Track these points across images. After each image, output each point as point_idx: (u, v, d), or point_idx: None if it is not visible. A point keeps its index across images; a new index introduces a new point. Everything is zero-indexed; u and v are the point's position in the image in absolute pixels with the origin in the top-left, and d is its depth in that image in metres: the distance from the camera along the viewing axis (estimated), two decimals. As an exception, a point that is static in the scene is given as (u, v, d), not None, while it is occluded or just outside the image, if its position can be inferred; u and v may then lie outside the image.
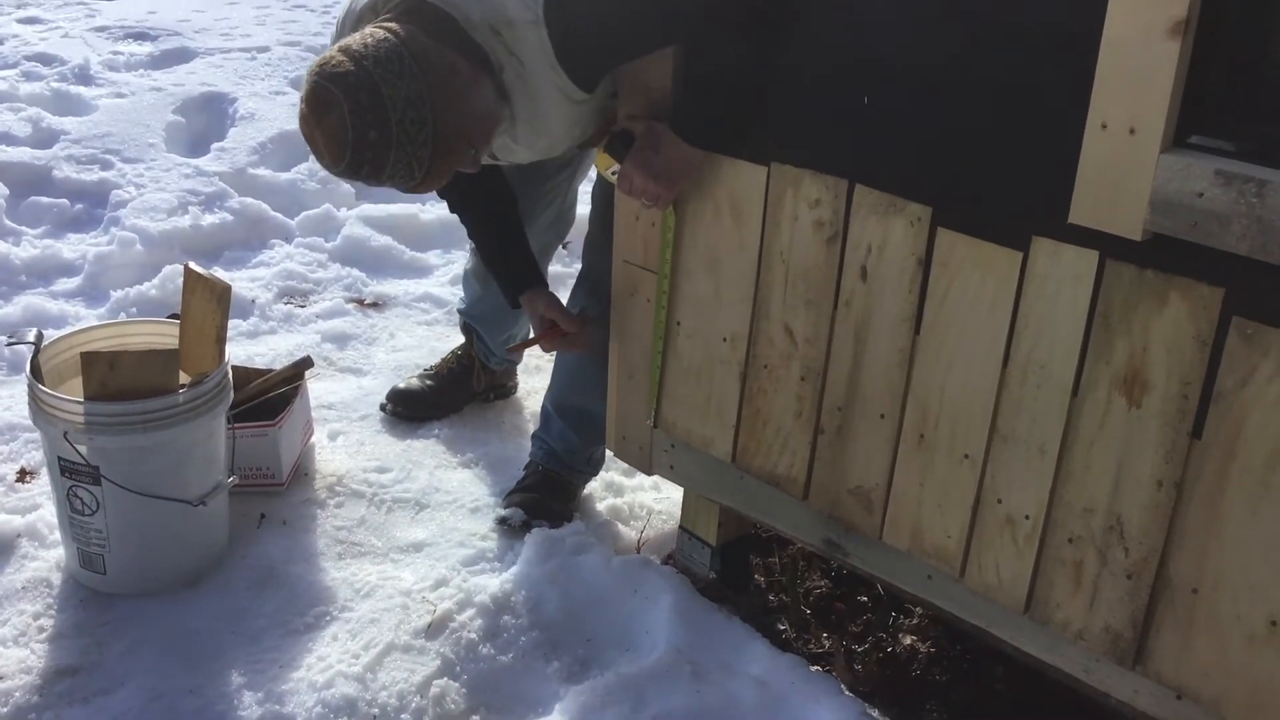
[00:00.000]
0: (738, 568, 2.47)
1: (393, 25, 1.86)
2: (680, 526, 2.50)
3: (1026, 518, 1.77)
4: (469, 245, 2.98)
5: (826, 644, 2.30)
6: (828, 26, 1.83)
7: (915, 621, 2.35)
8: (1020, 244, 1.67)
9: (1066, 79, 1.54)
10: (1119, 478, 1.65)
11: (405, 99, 1.80)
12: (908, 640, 2.32)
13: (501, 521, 2.58)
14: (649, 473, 2.43)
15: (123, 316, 3.33)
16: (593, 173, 2.47)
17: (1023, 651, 1.88)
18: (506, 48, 1.91)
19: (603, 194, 2.36)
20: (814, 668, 2.17)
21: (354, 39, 1.84)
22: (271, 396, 2.70)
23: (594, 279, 2.47)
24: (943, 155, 1.73)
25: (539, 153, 2.18)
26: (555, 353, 2.63)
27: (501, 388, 3.13)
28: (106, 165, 4.26)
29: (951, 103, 1.70)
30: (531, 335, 2.49)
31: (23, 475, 2.69)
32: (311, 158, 4.27)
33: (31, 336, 2.35)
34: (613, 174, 2.06)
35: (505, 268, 2.47)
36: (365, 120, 1.78)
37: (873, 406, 1.94)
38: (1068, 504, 1.72)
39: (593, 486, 2.75)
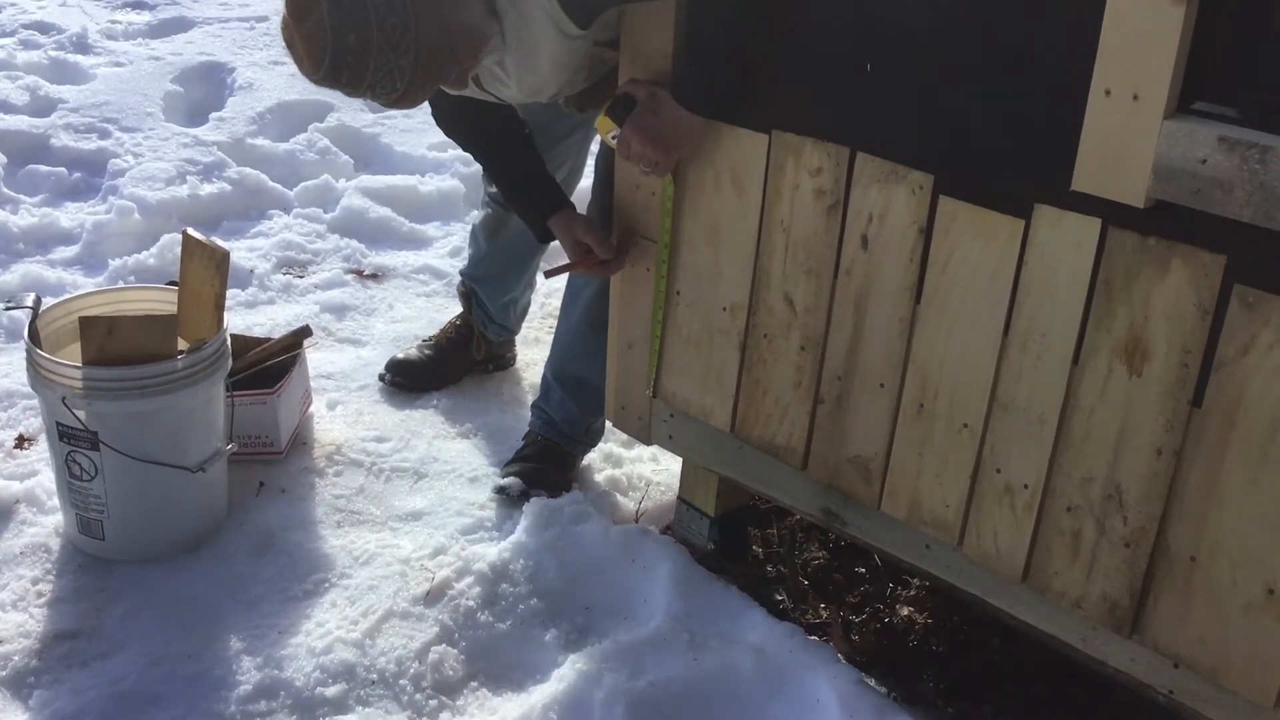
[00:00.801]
0: (736, 538, 2.47)
1: None
2: (679, 497, 2.50)
3: (1025, 487, 1.77)
4: (482, 197, 2.95)
5: (824, 614, 2.31)
6: (831, -8, 1.82)
7: (913, 592, 2.36)
8: (1022, 212, 1.66)
9: (1070, 45, 1.53)
10: (1119, 446, 1.65)
11: (387, 3, 1.76)
12: (905, 611, 2.32)
13: (500, 491, 2.59)
14: (648, 443, 2.43)
15: (120, 284, 3.32)
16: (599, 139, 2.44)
17: (1020, 620, 1.88)
18: None
19: (605, 163, 2.34)
20: (811, 637, 2.18)
21: None
22: (270, 365, 2.69)
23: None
24: (944, 123, 1.73)
25: (528, 92, 2.14)
26: (561, 318, 2.62)
27: (500, 358, 3.12)
28: (104, 134, 4.23)
29: (954, 70, 1.69)
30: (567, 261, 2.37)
31: (21, 441, 2.69)
32: (311, 128, 4.34)
33: (30, 302, 2.35)
34: (613, 138, 2.05)
35: (529, 194, 2.38)
36: (345, 23, 1.75)
37: (872, 376, 1.94)
38: (1067, 473, 1.72)
39: (591, 458, 2.75)
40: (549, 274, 2.34)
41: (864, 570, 2.42)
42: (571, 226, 2.28)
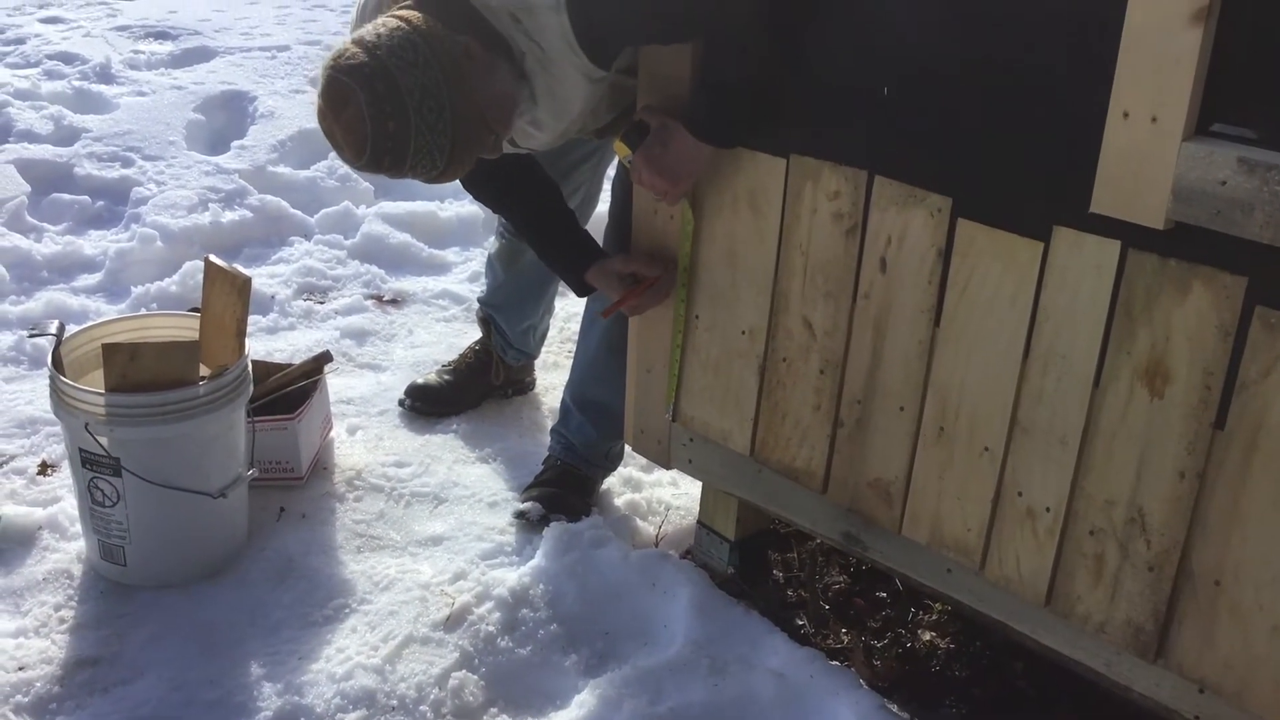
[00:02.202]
0: (756, 563, 2.46)
1: (405, 13, 1.86)
2: (698, 521, 2.50)
3: (1047, 510, 1.76)
4: (496, 227, 2.97)
5: (845, 639, 2.30)
6: (847, 18, 1.82)
7: (934, 617, 2.34)
8: (1041, 234, 1.66)
9: (1087, 67, 1.53)
10: (1141, 469, 1.64)
11: (421, 87, 1.79)
12: (927, 636, 2.31)
13: (520, 515, 2.59)
14: (667, 467, 2.43)
15: (143, 311, 3.34)
16: (615, 163, 2.45)
17: (1043, 645, 1.87)
18: (526, 34, 1.91)
19: (623, 186, 2.35)
20: (833, 662, 2.16)
21: (366, 30, 1.84)
22: (291, 391, 2.71)
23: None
24: (963, 145, 1.73)
25: (559, 136, 2.17)
26: (580, 343, 2.63)
27: (519, 383, 3.13)
28: (127, 163, 4.27)
29: (971, 92, 1.69)
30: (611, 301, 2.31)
31: (44, 468, 2.71)
32: (331, 155, 4.36)
33: (53, 329, 2.36)
34: (629, 162, 2.06)
35: (564, 251, 2.36)
36: (383, 111, 1.78)
37: (892, 399, 1.93)
38: (1089, 496, 1.71)
39: (610, 482, 2.75)
40: (606, 313, 2.31)
41: (885, 595, 2.41)
42: (608, 267, 2.27)
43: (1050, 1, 1.57)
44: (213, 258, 2.48)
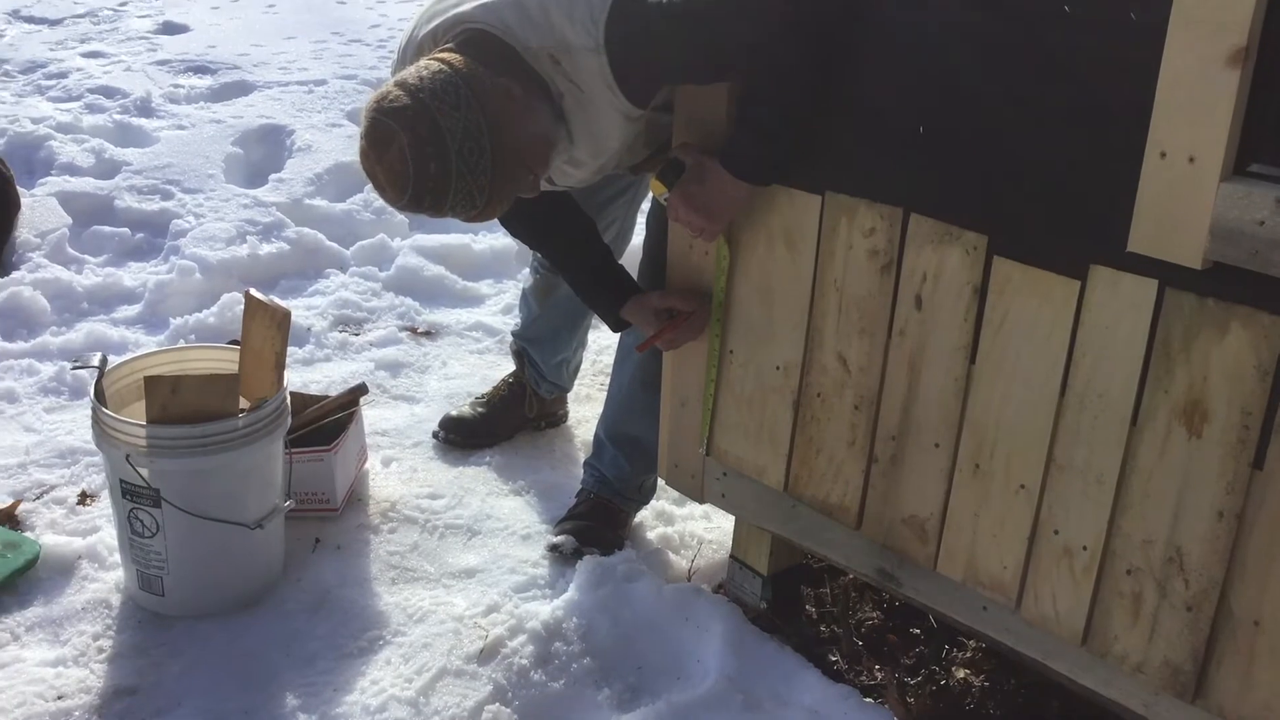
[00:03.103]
0: (789, 597, 2.46)
1: (447, 56, 1.89)
2: (731, 556, 2.50)
3: (1084, 549, 1.76)
4: (531, 262, 3.00)
5: (879, 676, 2.29)
6: (884, 56, 1.84)
7: (969, 654, 2.33)
8: (1078, 273, 1.66)
9: (1124, 107, 1.54)
10: (1179, 509, 1.63)
11: (463, 129, 1.82)
12: (961, 673, 2.29)
13: (553, 549, 2.59)
14: (700, 501, 2.43)
15: (182, 343, 3.39)
16: (649, 198, 2.47)
17: (1080, 685, 1.86)
18: (566, 75, 1.94)
19: (658, 221, 2.37)
20: (866, 699, 2.16)
21: (409, 73, 1.87)
22: (327, 422, 2.73)
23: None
24: (999, 184, 1.74)
25: (595, 174, 2.20)
26: (614, 377, 2.64)
27: (552, 415, 3.15)
28: (167, 195, 4.33)
29: (1008, 131, 1.70)
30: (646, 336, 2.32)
31: (84, 498, 2.74)
32: (367, 188, 4.41)
33: (95, 361, 2.40)
34: (665, 199, 2.08)
35: (599, 287, 2.38)
36: (425, 153, 1.81)
37: (927, 436, 1.93)
38: (1126, 535, 1.70)
39: (643, 515, 2.76)
40: (641, 348, 2.33)
41: (919, 631, 2.40)
42: (643, 302, 2.29)
43: (1088, 42, 1.58)
44: (253, 291, 2.52)
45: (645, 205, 2.67)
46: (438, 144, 1.81)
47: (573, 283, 2.45)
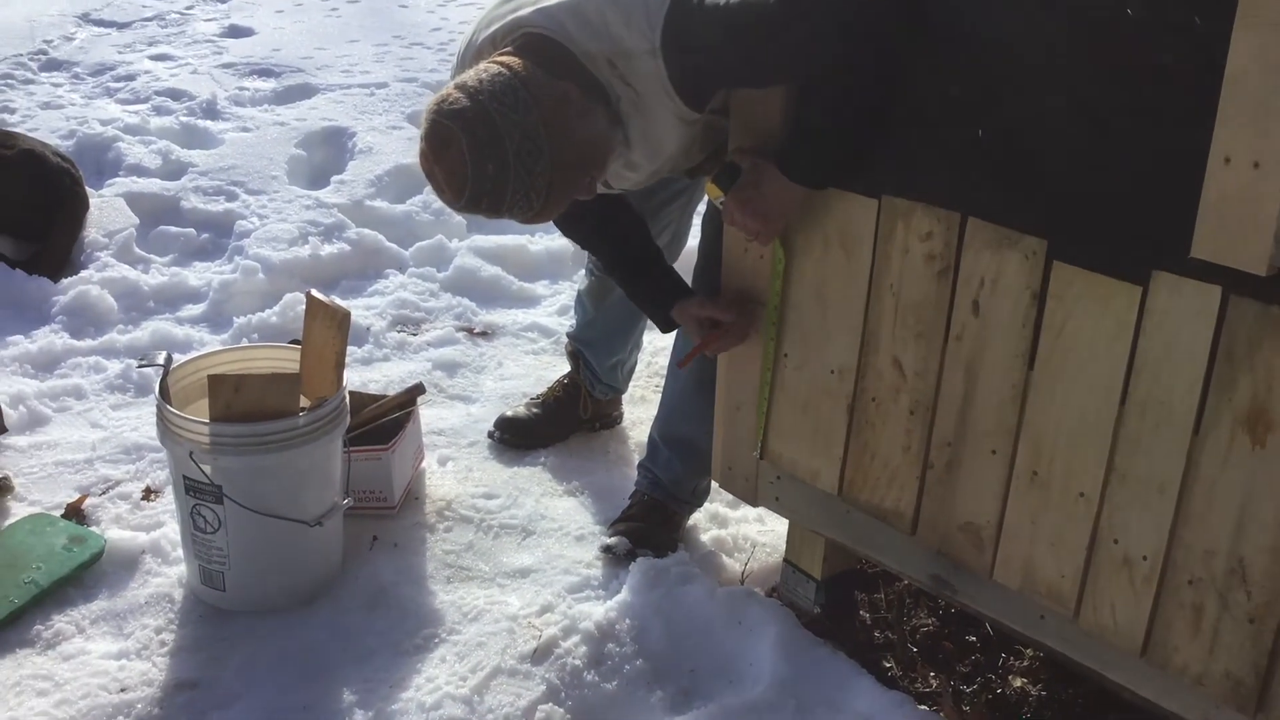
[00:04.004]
0: (842, 602, 2.45)
1: (506, 59, 1.91)
2: (784, 559, 2.49)
3: (1144, 558, 1.73)
4: (586, 264, 3.01)
5: (933, 683, 2.27)
6: (943, 61, 1.82)
7: (1026, 663, 2.31)
8: (1139, 278, 1.64)
9: (1188, 111, 1.52)
10: (1242, 519, 1.61)
11: (521, 131, 1.84)
12: (1018, 682, 2.27)
13: (606, 550, 2.60)
14: (754, 504, 2.43)
15: (244, 342, 3.44)
16: (704, 201, 2.47)
17: (1138, 696, 1.83)
18: (622, 79, 1.95)
19: (713, 224, 2.37)
20: (921, 707, 2.14)
21: (469, 75, 1.89)
22: (385, 421, 2.76)
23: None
24: (1059, 188, 1.72)
25: (651, 177, 2.20)
26: (668, 379, 2.64)
27: (607, 417, 3.16)
28: (231, 196, 4.40)
29: (1069, 135, 1.68)
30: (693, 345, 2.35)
31: (148, 493, 2.79)
32: (426, 190, 4.45)
33: (161, 359, 2.44)
34: (721, 203, 2.08)
35: (650, 290, 2.39)
36: (483, 154, 1.83)
37: (984, 442, 1.91)
38: (1188, 545, 1.68)
39: (697, 518, 2.76)
40: (682, 364, 2.34)
41: (975, 638, 2.37)
42: (688, 308, 2.30)
43: (1150, 46, 1.56)
44: (314, 292, 2.55)
45: (701, 208, 2.67)
46: (496, 146, 1.83)
47: (624, 284, 2.47)
